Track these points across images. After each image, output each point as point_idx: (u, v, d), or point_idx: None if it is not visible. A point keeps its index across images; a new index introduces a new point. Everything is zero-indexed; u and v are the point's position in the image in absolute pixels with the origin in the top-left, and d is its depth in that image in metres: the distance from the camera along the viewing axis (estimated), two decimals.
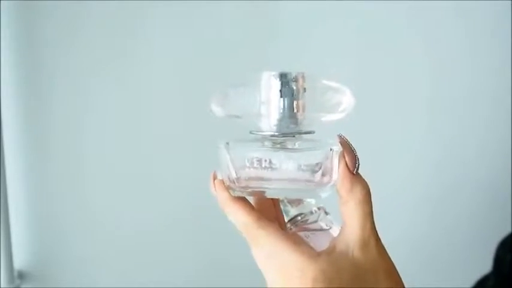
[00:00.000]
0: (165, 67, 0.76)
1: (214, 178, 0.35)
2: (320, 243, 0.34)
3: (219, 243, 0.79)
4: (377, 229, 0.32)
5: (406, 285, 0.32)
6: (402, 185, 0.86)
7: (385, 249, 0.32)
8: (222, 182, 0.34)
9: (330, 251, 0.31)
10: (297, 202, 0.37)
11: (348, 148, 0.32)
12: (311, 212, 0.37)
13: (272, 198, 0.36)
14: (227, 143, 0.33)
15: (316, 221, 0.36)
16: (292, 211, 0.37)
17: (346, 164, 0.32)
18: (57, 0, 0.71)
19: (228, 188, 0.33)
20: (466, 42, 0.83)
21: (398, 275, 0.32)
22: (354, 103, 0.33)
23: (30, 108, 0.73)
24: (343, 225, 0.32)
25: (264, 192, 0.33)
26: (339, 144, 0.32)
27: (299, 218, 0.37)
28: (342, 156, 0.32)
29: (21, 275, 0.76)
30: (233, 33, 0.77)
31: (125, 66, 0.74)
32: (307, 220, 0.36)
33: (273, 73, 0.33)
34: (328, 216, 0.36)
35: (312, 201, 0.38)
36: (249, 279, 0.33)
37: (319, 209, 0.37)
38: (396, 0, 0.79)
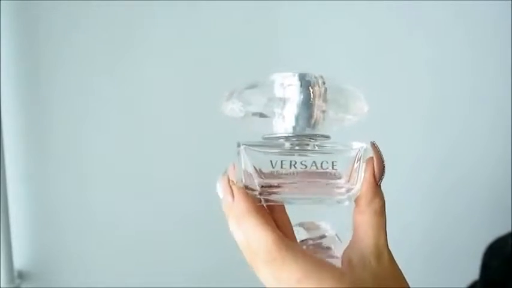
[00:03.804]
0: (166, 67, 0.76)
1: (228, 182, 0.30)
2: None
3: (220, 244, 0.78)
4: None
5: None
6: (404, 186, 0.86)
7: (394, 259, 0.32)
8: (242, 188, 0.30)
9: (350, 263, 0.30)
10: (313, 227, 0.35)
11: (379, 157, 0.30)
12: (324, 236, 0.35)
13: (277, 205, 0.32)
14: (246, 145, 0.29)
15: (330, 248, 0.34)
16: (304, 234, 0.35)
17: (374, 172, 0.30)
18: (57, 0, 0.71)
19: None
20: (466, 42, 0.83)
21: (407, 283, 0.32)
22: (367, 109, 0.32)
23: (30, 108, 0.73)
24: (355, 235, 0.31)
25: (288, 199, 0.31)
26: (368, 150, 0.30)
27: (310, 241, 0.35)
28: (368, 163, 0.31)
29: (21, 275, 0.75)
30: (236, 34, 0.76)
31: (126, 66, 0.74)
32: (321, 243, 0.35)
33: (292, 73, 0.31)
34: (342, 243, 0.34)
35: (328, 226, 0.36)
36: (251, 280, 0.32)
37: (336, 235, 0.35)
38: (396, 1, 0.79)
